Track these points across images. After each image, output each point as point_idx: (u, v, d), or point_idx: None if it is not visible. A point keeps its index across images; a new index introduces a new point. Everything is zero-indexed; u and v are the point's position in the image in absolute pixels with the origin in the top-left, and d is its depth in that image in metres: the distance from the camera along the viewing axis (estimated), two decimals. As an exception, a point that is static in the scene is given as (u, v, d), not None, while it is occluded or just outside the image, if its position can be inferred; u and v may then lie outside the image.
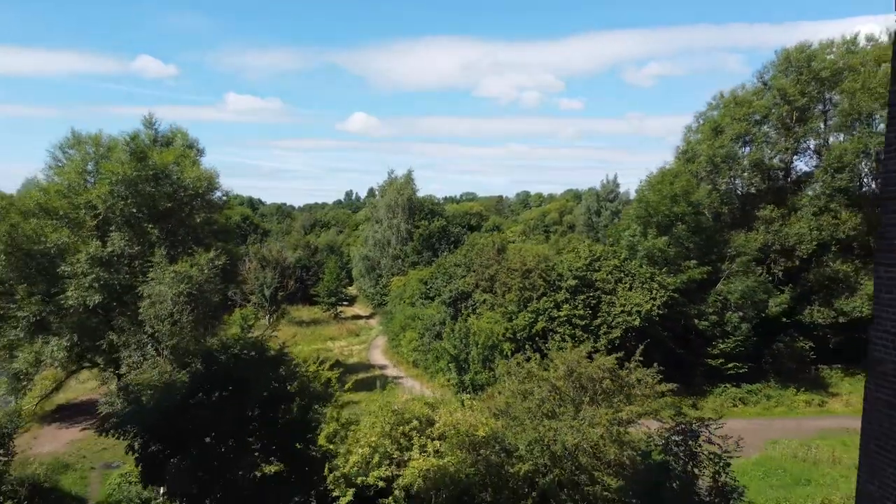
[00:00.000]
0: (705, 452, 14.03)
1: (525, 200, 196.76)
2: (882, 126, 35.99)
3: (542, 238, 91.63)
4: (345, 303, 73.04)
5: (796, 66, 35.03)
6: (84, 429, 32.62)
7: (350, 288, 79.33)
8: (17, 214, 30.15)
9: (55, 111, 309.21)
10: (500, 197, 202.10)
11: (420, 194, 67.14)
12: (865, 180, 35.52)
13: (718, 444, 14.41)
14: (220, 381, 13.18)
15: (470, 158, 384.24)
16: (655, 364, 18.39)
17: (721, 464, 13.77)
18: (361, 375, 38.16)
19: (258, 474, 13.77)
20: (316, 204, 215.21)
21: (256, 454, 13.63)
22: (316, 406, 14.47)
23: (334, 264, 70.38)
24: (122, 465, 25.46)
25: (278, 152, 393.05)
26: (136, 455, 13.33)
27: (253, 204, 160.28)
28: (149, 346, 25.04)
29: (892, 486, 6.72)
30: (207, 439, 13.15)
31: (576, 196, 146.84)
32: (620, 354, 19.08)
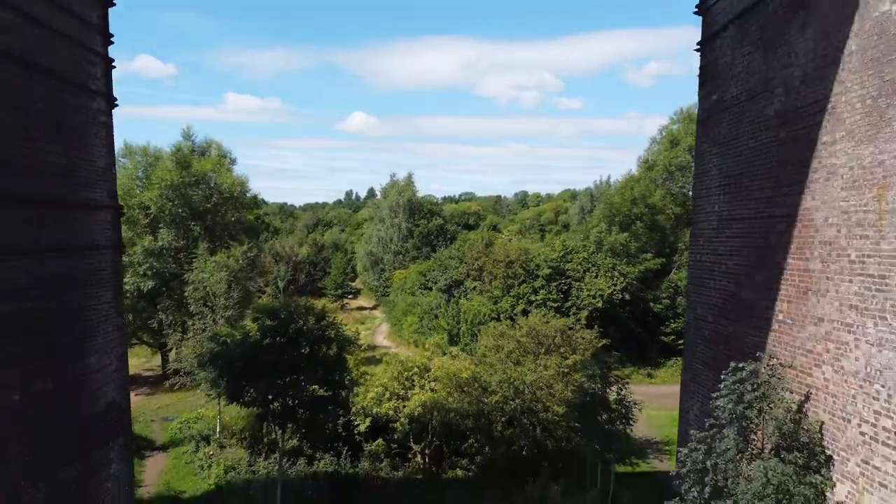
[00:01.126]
0: (613, 377, 20.07)
1: (523, 200, 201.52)
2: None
3: (538, 237, 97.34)
4: (350, 295, 79.03)
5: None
6: (137, 394, 38.70)
7: (355, 282, 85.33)
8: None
9: None
10: (499, 197, 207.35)
11: (420, 194, 73.44)
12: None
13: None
14: (282, 329, 19.28)
15: (469, 158, 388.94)
16: (609, 340, 24.51)
17: (623, 382, 19.79)
18: (368, 354, 44.31)
19: (307, 397, 19.87)
20: (317, 203, 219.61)
21: (306, 382, 19.70)
22: (347, 347, 20.69)
23: (340, 260, 76.44)
24: (178, 417, 31.36)
25: (278, 152, 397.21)
26: (224, 381, 19.47)
27: (257, 203, 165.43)
28: (192, 324, 31.01)
29: (695, 402, 12.80)
30: (274, 371, 19.21)
31: (572, 196, 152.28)
32: (597, 337, 25.26)
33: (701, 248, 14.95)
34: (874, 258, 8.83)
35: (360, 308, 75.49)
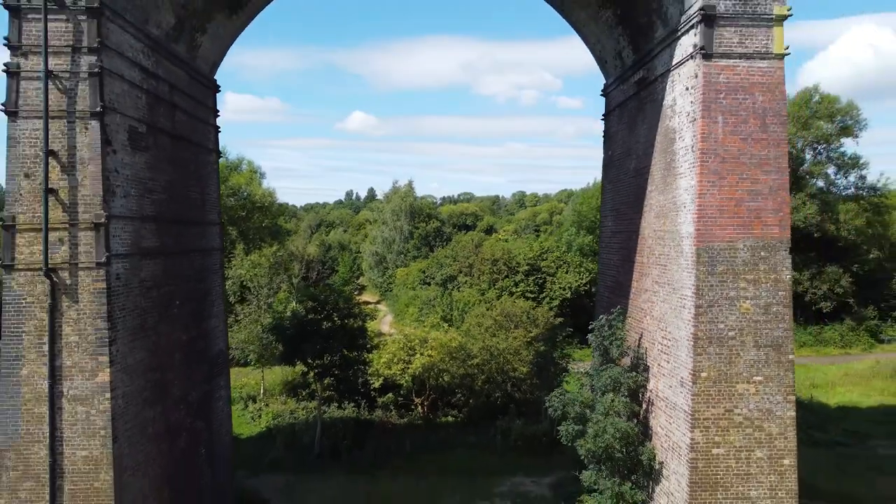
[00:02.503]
0: (560, 344, 27.72)
1: (521, 200, 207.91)
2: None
3: (533, 237, 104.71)
4: (356, 291, 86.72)
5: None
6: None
7: (360, 279, 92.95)
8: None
9: None
10: (497, 197, 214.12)
11: (419, 194, 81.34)
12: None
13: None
14: (321, 307, 26.95)
15: (469, 157, 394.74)
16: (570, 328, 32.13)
17: (563, 350, 27.43)
18: (375, 341, 52.10)
19: (338, 357, 27.53)
20: (317, 203, 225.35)
21: (338, 346, 27.33)
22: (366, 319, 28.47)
23: (347, 258, 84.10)
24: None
25: (277, 151, 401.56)
26: (282, 345, 27.23)
27: (283, 211, 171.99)
28: (242, 308, 38.58)
29: (605, 286, 20.52)
30: (315, 337, 26.86)
31: (569, 196, 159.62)
32: (553, 316, 32.93)
33: (603, 250, 22.62)
34: (664, 256, 16.43)
35: (366, 302, 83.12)
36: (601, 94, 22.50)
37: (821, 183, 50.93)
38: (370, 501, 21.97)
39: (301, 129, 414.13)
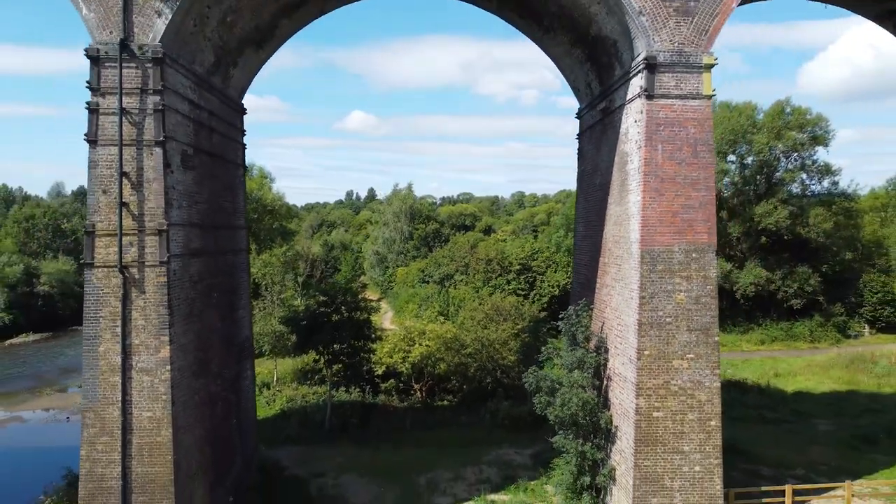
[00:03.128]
0: (543, 330, 31.20)
1: (520, 200, 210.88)
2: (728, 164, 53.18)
3: (531, 237, 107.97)
4: (359, 289, 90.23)
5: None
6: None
7: (361, 278, 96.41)
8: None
9: (54, 110, 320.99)
10: (496, 197, 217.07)
11: (419, 194, 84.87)
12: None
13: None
14: (331, 301, 30.44)
15: (468, 157, 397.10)
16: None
17: (551, 341, 30.91)
18: (378, 333, 55.64)
19: (346, 346, 31.00)
20: (317, 203, 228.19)
21: (346, 336, 30.80)
22: (371, 312, 31.95)
23: (350, 258, 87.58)
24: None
25: (277, 151, 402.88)
26: (295, 335, 30.68)
27: (291, 214, 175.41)
28: (257, 303, 42.07)
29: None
30: (326, 328, 30.33)
31: (567, 196, 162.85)
32: (538, 310, 36.48)
33: (576, 252, 26.12)
34: (619, 257, 19.90)
35: (368, 299, 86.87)
36: (576, 117, 26.00)
37: (797, 188, 54.49)
38: (374, 466, 25.43)
39: (300, 129, 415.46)
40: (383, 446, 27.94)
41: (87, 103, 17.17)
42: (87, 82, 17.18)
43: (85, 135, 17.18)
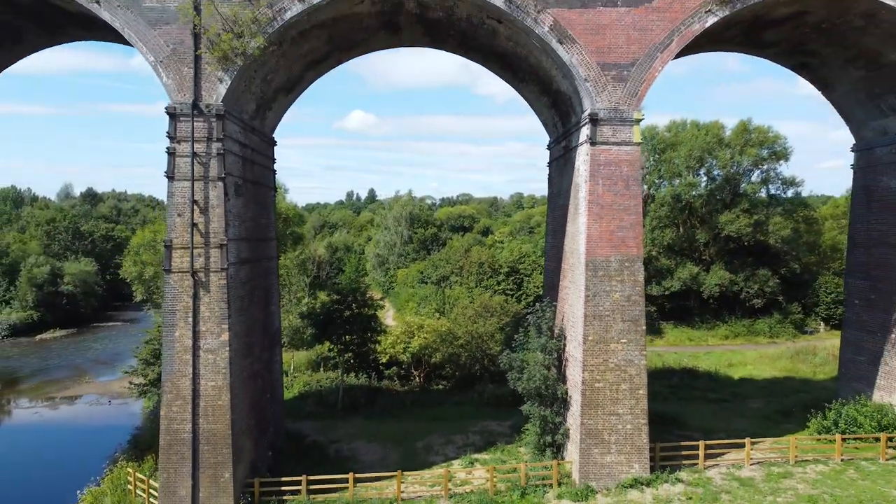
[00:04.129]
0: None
1: (518, 201, 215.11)
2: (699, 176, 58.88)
3: (528, 238, 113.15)
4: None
5: (646, 139, 58.01)
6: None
7: (365, 278, 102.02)
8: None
9: (54, 110, 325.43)
10: (495, 198, 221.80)
11: (419, 194, 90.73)
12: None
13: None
14: (341, 298, 36.12)
15: (468, 157, 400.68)
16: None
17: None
18: (382, 327, 61.36)
19: (355, 338, 36.63)
20: (318, 204, 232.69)
21: (355, 329, 36.43)
22: (377, 309, 37.63)
23: (353, 260, 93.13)
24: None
25: (276, 150, 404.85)
26: (313, 328, 36.39)
27: (303, 220, 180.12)
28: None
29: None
30: (338, 322, 35.97)
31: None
32: (522, 308, 42.10)
33: (546, 259, 31.75)
34: (573, 265, 25.49)
35: (374, 298, 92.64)
36: (546, 148, 31.64)
37: (763, 194, 59.99)
38: (380, 435, 31.03)
39: (300, 128, 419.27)
40: (387, 420, 33.55)
41: (167, 148, 22.80)
42: (167, 133, 22.81)
43: (165, 172, 22.81)
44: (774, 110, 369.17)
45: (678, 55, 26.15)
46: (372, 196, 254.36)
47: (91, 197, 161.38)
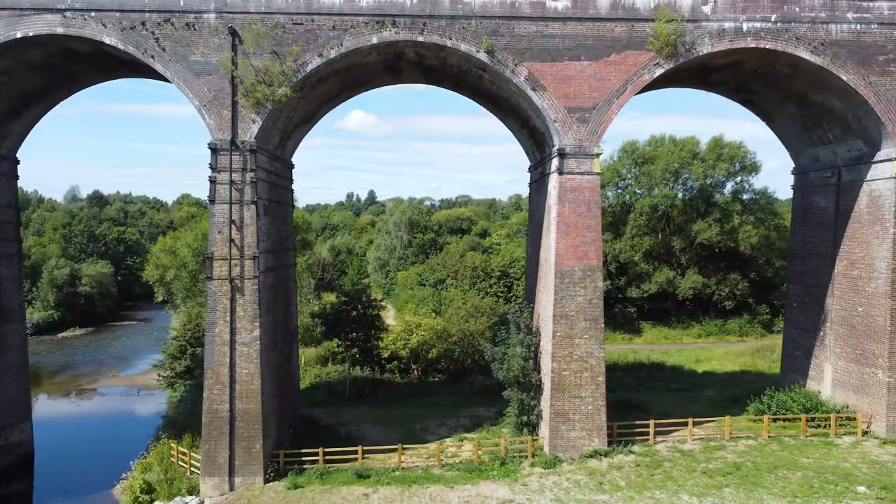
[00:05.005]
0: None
1: (517, 203, 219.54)
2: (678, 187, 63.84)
3: (524, 240, 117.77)
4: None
5: (628, 153, 63.01)
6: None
7: (366, 280, 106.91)
8: (203, 237, 57.55)
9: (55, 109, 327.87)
10: (493, 200, 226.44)
11: (418, 195, 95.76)
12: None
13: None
14: (349, 299, 41.01)
15: (468, 157, 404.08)
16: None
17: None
18: (384, 326, 66.31)
19: (360, 335, 41.57)
20: (318, 205, 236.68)
21: (360, 327, 41.34)
22: (380, 309, 42.54)
23: (356, 262, 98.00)
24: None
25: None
26: (324, 326, 41.26)
27: (311, 227, 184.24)
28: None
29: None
30: (345, 321, 40.90)
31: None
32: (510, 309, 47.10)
33: (526, 268, 36.67)
34: (546, 273, 30.39)
35: (377, 300, 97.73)
36: (527, 171, 36.58)
37: (737, 204, 64.89)
38: (384, 419, 35.92)
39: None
40: (389, 407, 38.47)
41: (209, 177, 27.71)
42: (209, 164, 27.73)
43: (207, 197, 27.73)
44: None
45: (642, 90, 30.93)
46: (372, 198, 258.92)
47: (98, 199, 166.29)
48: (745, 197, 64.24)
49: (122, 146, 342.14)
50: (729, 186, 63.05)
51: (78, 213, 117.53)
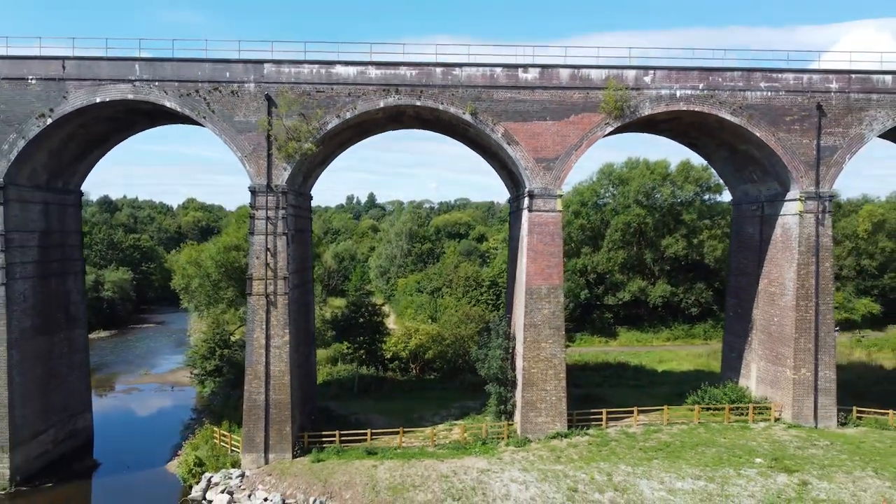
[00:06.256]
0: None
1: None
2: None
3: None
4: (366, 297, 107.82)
5: (605, 174, 70.13)
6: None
7: (368, 286, 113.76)
8: (224, 250, 64.40)
9: None
10: (492, 203, 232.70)
11: (417, 196, 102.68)
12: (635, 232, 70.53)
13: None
14: (356, 307, 48.09)
15: (468, 158, 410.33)
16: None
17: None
18: (387, 330, 73.36)
19: (367, 339, 48.67)
20: (318, 207, 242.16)
21: (367, 332, 48.39)
22: (384, 316, 49.61)
23: (359, 269, 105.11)
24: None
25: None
26: (335, 331, 48.31)
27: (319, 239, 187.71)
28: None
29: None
30: (354, 326, 47.97)
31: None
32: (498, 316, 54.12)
33: (507, 285, 43.71)
34: (519, 291, 37.38)
35: (381, 307, 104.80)
36: (507, 202, 43.63)
37: (706, 222, 71.98)
38: (387, 410, 42.94)
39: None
40: (392, 400, 45.50)
41: (250, 214, 34.77)
42: (249, 204, 34.80)
43: (248, 230, 34.80)
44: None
45: (605, 136, 37.80)
46: (372, 200, 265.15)
47: (107, 204, 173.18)
48: (707, 218, 71.28)
49: (123, 146, 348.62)
50: (696, 205, 70.08)
51: (96, 222, 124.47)
